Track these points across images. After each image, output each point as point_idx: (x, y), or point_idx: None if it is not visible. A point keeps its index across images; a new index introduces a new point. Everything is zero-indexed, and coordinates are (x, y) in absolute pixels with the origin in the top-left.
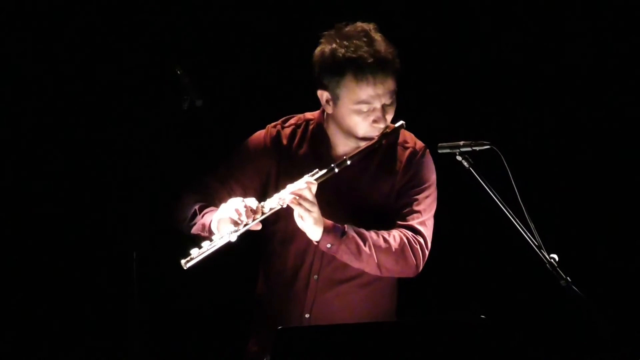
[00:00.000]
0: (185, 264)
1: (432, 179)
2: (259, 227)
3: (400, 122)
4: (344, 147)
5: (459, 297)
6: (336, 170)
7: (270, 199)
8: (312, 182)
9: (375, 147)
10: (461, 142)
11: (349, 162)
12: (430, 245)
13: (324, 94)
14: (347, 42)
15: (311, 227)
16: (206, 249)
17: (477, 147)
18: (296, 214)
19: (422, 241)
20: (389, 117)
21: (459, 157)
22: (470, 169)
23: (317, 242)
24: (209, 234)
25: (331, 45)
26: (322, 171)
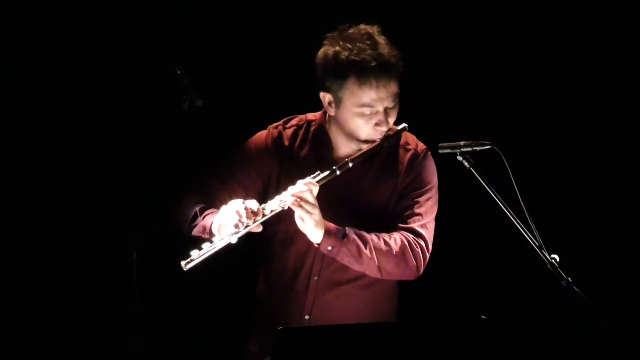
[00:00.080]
0: (185, 265)
1: (433, 182)
2: (260, 229)
3: (402, 125)
4: (346, 148)
5: (460, 297)
6: (338, 172)
7: (271, 201)
8: (313, 184)
9: (377, 149)
10: (462, 142)
11: (350, 164)
12: (431, 248)
13: (326, 96)
14: (350, 45)
15: (312, 229)
16: (206, 250)
17: (477, 147)
18: (297, 216)
19: (423, 244)
20: (392, 120)
21: (459, 157)
22: (471, 169)
23: (318, 245)
24: (209, 236)
25: (334, 47)
26: (323, 173)
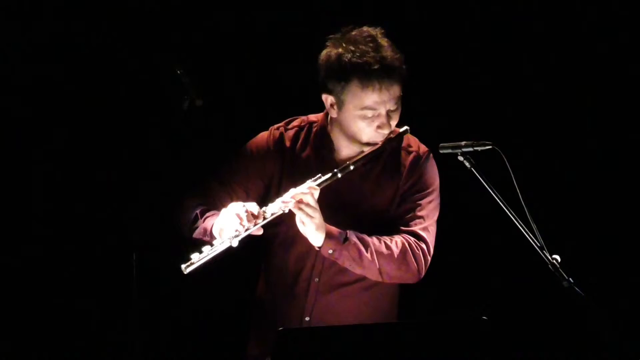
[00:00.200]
0: (185, 268)
1: (435, 184)
2: (261, 232)
3: (404, 128)
4: (348, 150)
5: (461, 298)
6: (339, 175)
7: (272, 204)
8: (314, 188)
9: (379, 152)
10: (463, 143)
11: (352, 167)
12: (432, 251)
13: (328, 98)
14: (353, 47)
15: (313, 232)
16: (206, 253)
17: (478, 148)
18: (298, 220)
19: (424, 247)
20: (394, 123)
21: (460, 158)
22: (472, 169)
23: (318, 248)
24: (210, 239)
25: (337, 49)
26: (325, 176)
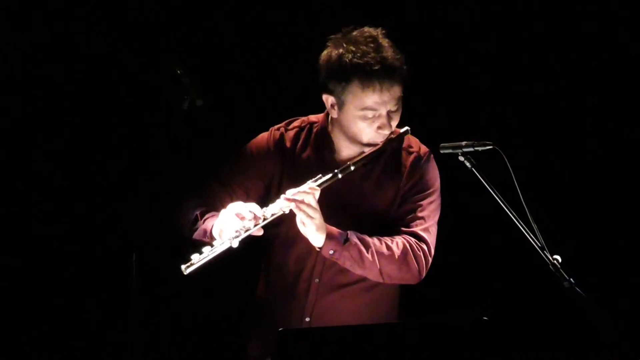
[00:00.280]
0: (185, 269)
1: (436, 185)
2: (261, 233)
3: (405, 128)
4: (348, 151)
5: (461, 298)
6: (340, 176)
7: (272, 205)
8: (315, 188)
9: (379, 153)
10: (463, 143)
11: (352, 167)
12: (433, 252)
13: (329, 99)
14: (354, 48)
15: (313, 233)
16: (207, 254)
17: (479, 148)
18: (298, 220)
19: (425, 248)
20: (394, 124)
21: (461, 158)
22: (472, 169)
23: (319, 249)
24: (210, 240)
25: (338, 49)
26: (325, 177)
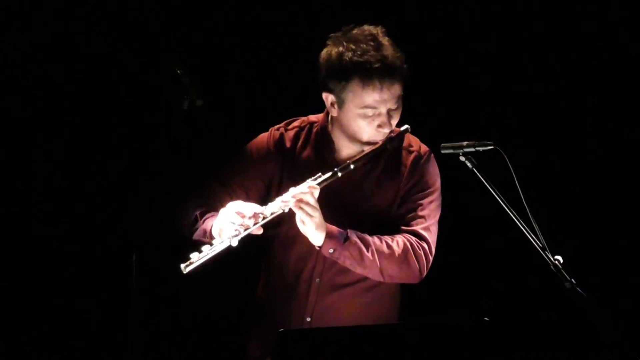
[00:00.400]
0: (185, 268)
1: (436, 184)
2: (260, 232)
3: (405, 126)
4: (348, 150)
5: (462, 299)
6: (339, 174)
7: (271, 203)
8: (314, 187)
9: (379, 151)
10: (464, 143)
11: (352, 166)
12: (434, 251)
13: (329, 97)
14: (354, 46)
15: (313, 232)
16: (206, 253)
17: (480, 148)
18: (298, 219)
19: (426, 247)
20: (394, 122)
21: (462, 158)
22: (473, 169)
23: (319, 247)
24: (210, 239)
25: (338, 48)
26: (325, 175)
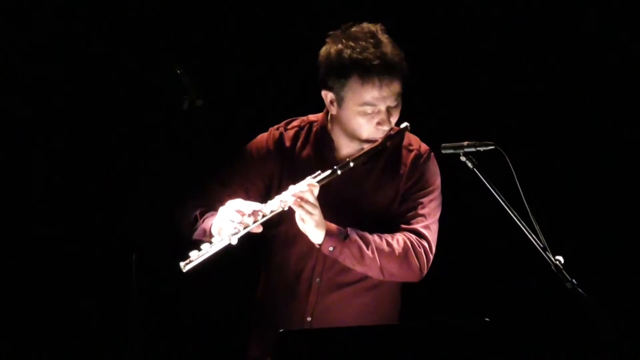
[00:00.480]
0: (184, 266)
1: (437, 183)
2: (260, 230)
3: (404, 124)
4: (348, 149)
5: (463, 299)
6: (339, 172)
7: (271, 201)
8: (313, 185)
9: (379, 149)
10: (465, 143)
11: (351, 164)
12: (434, 249)
13: (328, 95)
14: (353, 43)
15: (313, 229)
16: (205, 251)
17: (481, 148)
18: (298, 217)
19: (426, 245)
20: (394, 120)
21: (463, 158)
22: (474, 169)
23: (319, 245)
24: (210, 239)
25: (337, 45)
26: (324, 173)
